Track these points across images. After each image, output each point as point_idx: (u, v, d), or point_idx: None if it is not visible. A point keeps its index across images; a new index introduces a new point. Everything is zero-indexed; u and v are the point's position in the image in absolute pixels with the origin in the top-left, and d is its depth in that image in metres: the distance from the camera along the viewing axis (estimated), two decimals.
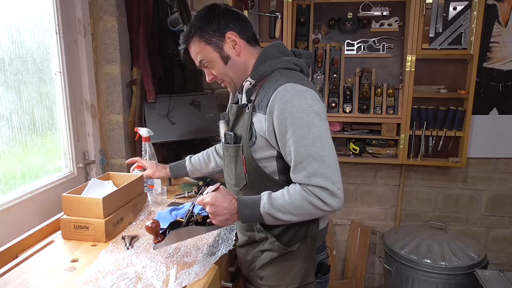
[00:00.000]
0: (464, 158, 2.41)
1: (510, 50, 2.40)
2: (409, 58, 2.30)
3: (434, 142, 2.48)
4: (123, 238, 1.34)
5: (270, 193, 1.14)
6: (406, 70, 2.31)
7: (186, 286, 1.08)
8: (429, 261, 2.20)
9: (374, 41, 2.45)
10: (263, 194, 1.15)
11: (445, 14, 2.32)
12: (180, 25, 2.36)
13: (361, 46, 2.47)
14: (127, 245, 1.30)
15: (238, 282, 1.43)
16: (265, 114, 1.14)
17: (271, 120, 1.12)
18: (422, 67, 2.40)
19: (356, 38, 2.47)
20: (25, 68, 1.58)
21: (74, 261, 1.21)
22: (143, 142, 1.82)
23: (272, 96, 1.12)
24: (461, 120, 2.38)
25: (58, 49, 1.75)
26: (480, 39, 2.27)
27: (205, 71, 1.29)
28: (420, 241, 2.33)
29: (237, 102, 1.33)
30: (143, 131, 1.81)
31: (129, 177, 1.60)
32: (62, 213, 1.39)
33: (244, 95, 1.25)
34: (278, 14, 2.40)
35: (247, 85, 1.22)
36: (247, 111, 1.20)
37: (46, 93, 1.71)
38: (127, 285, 1.07)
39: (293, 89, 1.11)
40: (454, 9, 2.31)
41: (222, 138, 1.32)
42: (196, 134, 2.24)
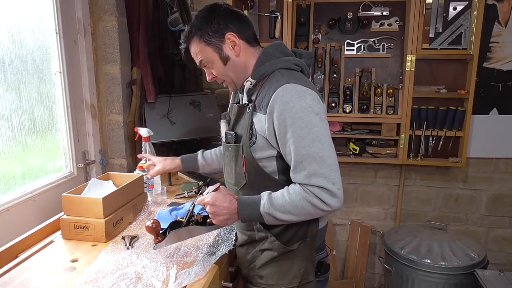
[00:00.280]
0: (464, 158, 2.41)
1: (510, 50, 2.39)
2: (409, 58, 2.30)
3: (434, 142, 2.48)
4: (123, 238, 1.34)
5: (270, 193, 1.14)
6: (406, 70, 2.31)
7: (186, 286, 1.08)
8: (429, 261, 2.20)
9: (374, 41, 2.44)
10: (263, 194, 1.15)
11: (445, 14, 2.32)
12: (180, 25, 2.36)
13: (361, 46, 2.46)
14: (127, 245, 1.30)
15: (238, 282, 1.43)
16: (265, 114, 1.14)
17: (271, 120, 1.13)
18: (422, 67, 2.40)
19: (356, 38, 2.47)
20: (25, 68, 1.58)
21: (74, 261, 1.21)
22: (143, 142, 1.82)
23: (272, 96, 1.12)
24: (461, 120, 2.38)
25: (58, 49, 1.75)
26: (480, 39, 2.27)
27: (205, 71, 1.30)
28: (420, 241, 2.33)
29: (238, 102, 1.33)
30: (143, 131, 1.81)
31: (129, 177, 1.61)
32: (62, 213, 1.39)
33: (245, 95, 1.25)
34: (278, 14, 2.40)
35: (248, 85, 1.23)
36: (248, 111, 1.21)
37: (46, 93, 1.71)
38: (127, 285, 1.07)
39: (293, 89, 1.11)
40: (454, 9, 2.31)
41: (223, 138, 1.32)
42: (196, 134, 2.24)
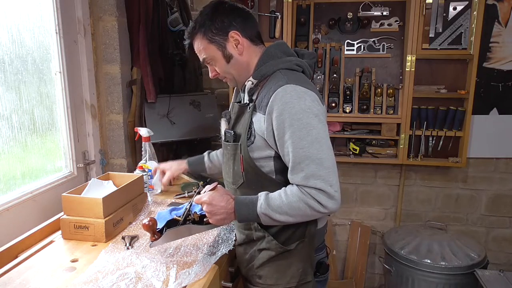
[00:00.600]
0: (464, 158, 2.41)
1: (510, 50, 2.39)
2: (409, 58, 2.30)
3: (434, 142, 2.48)
4: (123, 238, 1.34)
5: (267, 193, 1.15)
6: (406, 70, 2.31)
7: (186, 286, 1.08)
8: (429, 261, 2.20)
9: (374, 41, 2.44)
10: (260, 194, 1.15)
11: (445, 14, 2.32)
12: (180, 25, 2.36)
13: (361, 46, 2.46)
14: (127, 245, 1.30)
15: (238, 282, 1.43)
16: (264, 114, 1.14)
17: (270, 120, 1.13)
18: (422, 67, 2.40)
19: (356, 38, 2.46)
20: (25, 68, 1.58)
21: (74, 261, 1.21)
22: (143, 142, 1.82)
23: (272, 96, 1.12)
24: (461, 120, 2.38)
25: (58, 49, 1.75)
26: (480, 39, 2.27)
27: (208, 67, 1.30)
28: (420, 241, 2.33)
29: (240, 101, 1.33)
30: (143, 131, 1.81)
31: (129, 177, 1.60)
32: (62, 213, 1.39)
33: (246, 95, 1.26)
34: (278, 14, 2.40)
35: (249, 84, 1.23)
36: (248, 111, 1.21)
37: (46, 93, 1.71)
38: (127, 285, 1.07)
39: (293, 90, 1.11)
40: (454, 9, 2.31)
41: (222, 136, 1.33)
42: (196, 134, 2.24)
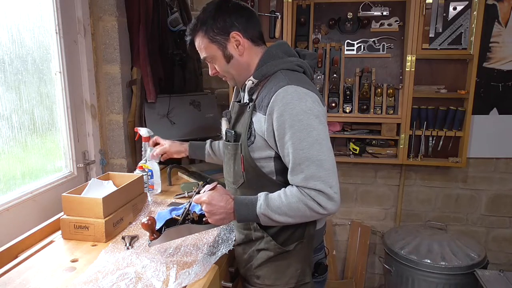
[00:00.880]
0: (464, 158, 2.41)
1: (510, 50, 2.39)
2: (409, 58, 2.30)
3: (434, 142, 2.48)
4: (123, 238, 1.35)
5: (267, 194, 1.15)
6: (406, 70, 2.31)
7: (186, 286, 1.08)
8: (429, 261, 2.20)
9: (374, 41, 2.44)
10: (260, 194, 1.15)
11: (445, 14, 2.32)
12: (180, 25, 2.36)
13: (361, 46, 2.46)
14: (127, 245, 1.30)
15: (238, 282, 1.43)
16: (265, 115, 1.14)
17: (271, 121, 1.13)
18: (422, 67, 2.40)
19: (356, 38, 2.46)
20: (25, 68, 1.58)
21: (74, 261, 1.21)
22: (143, 142, 1.82)
23: (272, 97, 1.12)
24: (461, 120, 2.38)
25: (58, 49, 1.75)
26: (480, 39, 2.27)
27: (208, 65, 1.30)
28: (420, 241, 2.33)
29: (239, 100, 1.33)
30: (143, 131, 1.81)
31: (129, 177, 1.61)
32: (62, 213, 1.39)
33: (246, 94, 1.26)
34: (278, 14, 2.40)
35: (250, 84, 1.23)
36: (248, 110, 1.21)
37: (46, 93, 1.71)
38: (127, 285, 1.07)
39: (294, 91, 1.11)
40: (454, 9, 2.31)
41: (223, 136, 1.32)
42: (196, 134, 2.24)
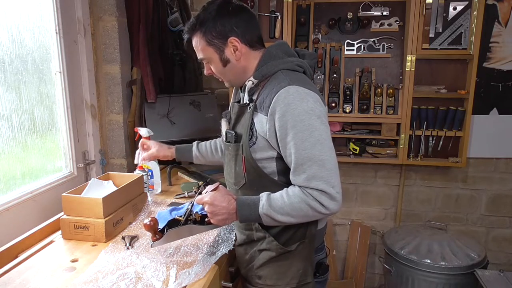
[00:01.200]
0: (464, 158, 2.41)
1: (510, 50, 2.39)
2: (409, 58, 2.30)
3: (434, 142, 2.48)
4: (123, 238, 1.34)
5: (269, 194, 1.14)
6: (406, 70, 2.31)
7: (186, 286, 1.08)
8: (429, 261, 2.20)
9: (374, 41, 2.44)
10: (262, 195, 1.15)
11: (445, 14, 2.32)
12: (180, 25, 2.36)
13: (361, 46, 2.46)
14: (127, 245, 1.30)
15: (238, 282, 1.43)
16: (266, 115, 1.14)
17: (273, 121, 1.13)
18: (422, 67, 2.40)
19: (356, 38, 2.46)
20: (25, 68, 1.58)
21: (74, 261, 1.21)
22: None
23: (274, 97, 1.12)
24: (461, 120, 2.38)
25: (58, 49, 1.75)
26: (480, 39, 2.27)
27: (204, 65, 1.30)
28: (420, 241, 2.33)
29: (239, 100, 1.33)
30: (143, 131, 1.81)
31: (129, 177, 1.60)
32: (62, 213, 1.39)
33: (246, 95, 1.25)
34: (278, 14, 2.40)
35: (250, 84, 1.22)
36: (248, 111, 1.20)
37: (46, 93, 1.71)
38: (127, 285, 1.07)
39: (295, 91, 1.11)
40: (454, 9, 2.31)
41: (223, 136, 1.32)
42: (196, 134, 2.23)
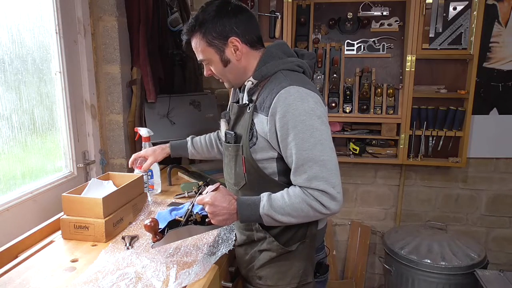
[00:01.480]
0: (464, 158, 2.41)
1: (510, 50, 2.39)
2: (409, 58, 2.30)
3: (434, 142, 2.48)
4: (123, 238, 1.34)
5: (270, 194, 1.14)
6: (406, 70, 2.31)
7: (186, 286, 1.08)
8: (429, 261, 2.20)
9: (374, 41, 2.44)
10: (263, 195, 1.15)
11: (445, 14, 2.32)
12: (180, 25, 2.37)
13: (361, 46, 2.46)
14: (127, 245, 1.30)
15: (238, 282, 1.43)
16: (267, 116, 1.14)
17: (273, 122, 1.12)
18: (422, 67, 2.40)
19: (356, 38, 2.46)
20: (25, 68, 1.58)
21: (74, 261, 1.21)
22: (143, 142, 1.81)
23: (275, 98, 1.12)
24: (461, 120, 2.38)
25: (58, 49, 1.75)
26: (480, 39, 2.27)
27: (204, 66, 1.29)
28: (420, 241, 2.33)
29: (237, 101, 1.32)
30: (143, 131, 1.81)
31: (129, 177, 1.60)
32: (62, 213, 1.39)
33: (245, 95, 1.25)
34: (278, 14, 2.40)
35: (249, 84, 1.22)
36: (248, 111, 1.20)
37: (46, 93, 1.71)
38: (127, 285, 1.07)
39: (296, 92, 1.11)
40: (454, 9, 2.31)
41: (223, 137, 1.32)
42: (196, 134, 2.23)
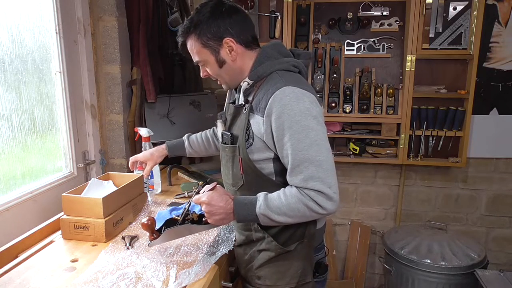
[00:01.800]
0: (464, 158, 2.41)
1: (510, 50, 2.39)
2: (409, 58, 2.30)
3: (434, 142, 2.48)
4: (123, 238, 1.34)
5: (267, 194, 1.14)
6: (406, 70, 2.31)
7: (186, 286, 1.08)
8: (429, 261, 2.20)
9: (374, 41, 2.44)
10: (260, 195, 1.15)
11: (445, 14, 2.32)
12: (180, 25, 2.36)
13: (361, 46, 2.46)
14: (127, 245, 1.30)
15: (238, 282, 1.43)
16: (263, 116, 1.14)
17: (269, 122, 1.13)
18: (422, 67, 2.40)
19: (356, 38, 2.46)
20: (25, 68, 1.58)
21: (74, 261, 1.21)
22: (143, 142, 1.81)
23: (270, 98, 1.12)
24: (461, 120, 2.38)
25: (58, 49, 1.75)
26: (480, 39, 2.27)
27: (200, 67, 1.30)
28: (420, 241, 2.33)
29: (233, 101, 1.32)
30: (143, 131, 1.81)
31: (129, 177, 1.60)
32: (62, 213, 1.39)
33: (241, 95, 1.25)
34: (278, 14, 2.40)
35: (245, 85, 1.22)
36: (244, 112, 1.20)
37: (46, 93, 1.71)
38: (127, 285, 1.07)
39: (291, 92, 1.11)
40: (454, 9, 2.31)
41: (220, 138, 1.32)
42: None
